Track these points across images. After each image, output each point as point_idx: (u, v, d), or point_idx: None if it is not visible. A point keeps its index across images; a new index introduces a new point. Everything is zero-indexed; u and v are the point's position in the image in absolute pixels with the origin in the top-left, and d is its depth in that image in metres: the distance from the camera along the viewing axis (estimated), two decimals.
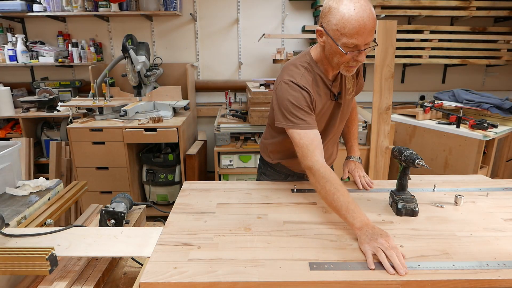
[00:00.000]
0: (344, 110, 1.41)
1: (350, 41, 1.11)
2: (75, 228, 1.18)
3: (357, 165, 1.52)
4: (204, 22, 3.44)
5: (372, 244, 0.98)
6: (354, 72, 1.24)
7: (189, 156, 2.82)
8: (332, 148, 1.57)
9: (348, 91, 1.39)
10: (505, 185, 1.49)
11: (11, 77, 3.52)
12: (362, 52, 1.14)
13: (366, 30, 1.09)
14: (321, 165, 1.17)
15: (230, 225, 1.17)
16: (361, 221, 1.06)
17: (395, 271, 0.91)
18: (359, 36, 1.10)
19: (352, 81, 1.41)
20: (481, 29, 3.26)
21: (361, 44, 1.12)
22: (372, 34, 1.12)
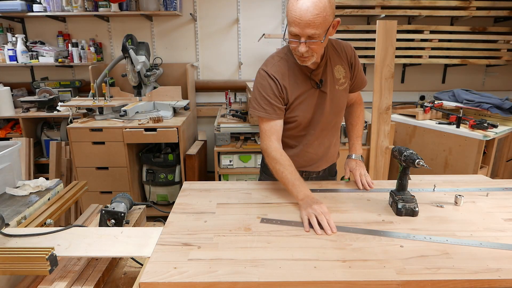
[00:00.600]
0: (334, 100, 1.40)
1: (290, 29, 1.17)
2: (75, 228, 1.18)
3: (358, 164, 1.50)
4: (204, 22, 3.44)
5: (307, 210, 1.15)
6: (307, 63, 1.26)
7: (189, 156, 2.82)
8: (330, 141, 1.51)
9: (338, 81, 1.39)
10: (505, 185, 1.49)
11: (11, 77, 3.52)
12: (302, 43, 1.16)
13: (302, 21, 1.11)
14: (273, 149, 1.32)
15: (230, 225, 1.17)
16: (303, 193, 1.23)
17: (324, 231, 1.10)
18: (296, 26, 1.14)
19: (344, 72, 1.40)
20: (481, 29, 3.27)
21: (301, 34, 1.15)
22: (313, 27, 1.12)
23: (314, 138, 1.45)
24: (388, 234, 1.10)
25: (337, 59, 1.39)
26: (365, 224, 1.16)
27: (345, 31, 3.23)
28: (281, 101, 1.34)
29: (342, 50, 1.40)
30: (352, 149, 1.55)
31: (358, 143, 1.55)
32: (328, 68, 1.37)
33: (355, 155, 1.53)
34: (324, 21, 1.13)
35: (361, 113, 1.58)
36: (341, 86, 1.41)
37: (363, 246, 1.04)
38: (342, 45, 1.42)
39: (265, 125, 1.35)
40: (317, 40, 1.16)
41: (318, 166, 1.56)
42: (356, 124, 1.57)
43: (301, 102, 1.36)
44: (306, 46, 1.17)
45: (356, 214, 1.24)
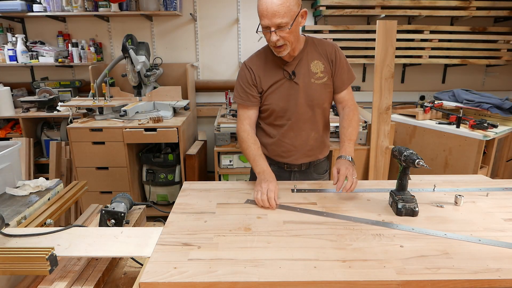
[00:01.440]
0: (309, 92, 1.48)
1: (261, 22, 1.32)
2: (75, 228, 1.18)
3: (345, 163, 1.38)
4: (204, 22, 3.44)
5: (256, 188, 1.35)
6: (283, 54, 1.39)
7: (189, 156, 2.82)
8: (307, 134, 1.55)
9: (315, 75, 1.48)
10: (505, 185, 1.49)
11: (11, 77, 3.52)
12: (272, 32, 1.30)
13: (269, 12, 1.27)
14: (243, 130, 1.52)
15: (230, 225, 1.17)
16: (260, 168, 1.42)
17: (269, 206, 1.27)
18: (264, 18, 1.29)
19: (323, 67, 1.48)
20: (481, 29, 3.27)
21: (270, 25, 1.30)
22: (280, 16, 1.27)
23: (289, 128, 1.54)
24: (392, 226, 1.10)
25: (315, 54, 1.49)
26: (365, 224, 1.17)
27: (345, 31, 3.23)
28: (255, 89, 1.51)
29: (322, 46, 1.50)
30: (342, 150, 1.47)
31: (348, 145, 1.47)
32: (304, 62, 1.48)
33: (343, 155, 1.43)
34: (288, 10, 1.27)
35: (353, 117, 1.52)
36: (318, 80, 1.49)
37: (363, 246, 1.04)
38: (323, 42, 1.52)
39: (240, 111, 1.55)
40: (285, 28, 1.30)
41: (296, 159, 1.60)
42: (347, 127, 1.50)
43: (274, 91, 1.49)
44: (276, 35, 1.31)
45: (356, 214, 1.24)
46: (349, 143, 1.47)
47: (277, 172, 1.59)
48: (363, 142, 2.72)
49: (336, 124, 2.62)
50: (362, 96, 3.56)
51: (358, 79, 3.60)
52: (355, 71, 3.82)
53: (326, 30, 3.19)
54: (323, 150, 1.65)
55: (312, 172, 1.67)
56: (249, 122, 1.53)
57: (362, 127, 2.69)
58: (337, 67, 1.49)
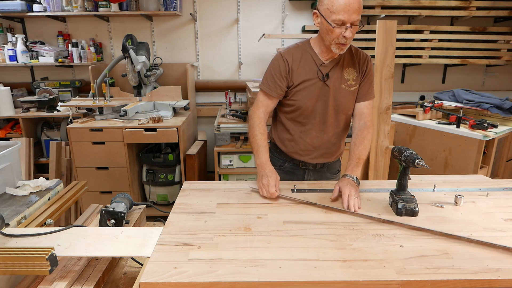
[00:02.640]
0: (338, 97, 1.49)
1: (337, 18, 1.28)
2: (75, 228, 1.18)
3: (349, 183, 1.35)
4: (204, 22, 3.44)
5: (258, 183, 1.42)
6: (343, 51, 1.38)
7: (189, 156, 2.82)
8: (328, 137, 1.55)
9: (346, 82, 1.48)
10: (505, 185, 1.49)
11: (11, 77, 3.52)
12: (348, 28, 1.30)
13: (351, 8, 1.26)
14: (256, 116, 1.52)
15: (230, 225, 1.17)
16: (260, 160, 1.46)
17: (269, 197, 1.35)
18: (345, 13, 1.27)
19: (355, 75, 1.48)
20: (481, 29, 3.27)
21: (347, 20, 1.28)
22: (357, 13, 1.28)
23: (312, 128, 1.54)
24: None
25: (351, 62, 1.49)
26: (365, 224, 1.17)
27: None
28: (285, 81, 1.49)
29: (358, 55, 1.51)
30: (348, 169, 1.42)
31: (356, 164, 1.43)
32: (339, 66, 1.47)
33: (349, 175, 1.39)
34: (361, 7, 1.30)
35: (367, 135, 1.48)
36: (348, 87, 1.49)
37: (363, 246, 1.04)
38: (359, 51, 1.53)
39: (261, 97, 1.54)
40: (357, 25, 1.31)
41: (313, 159, 1.60)
42: (359, 145, 1.46)
43: (304, 88, 1.48)
44: (350, 31, 1.31)
45: (356, 214, 1.24)
46: (358, 162, 1.43)
47: (292, 169, 1.66)
48: None
49: None
50: None
51: None
52: None
53: None
54: (337, 152, 1.65)
55: (326, 171, 1.67)
56: (264, 110, 1.53)
57: None
58: (365, 78, 1.50)
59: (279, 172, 1.50)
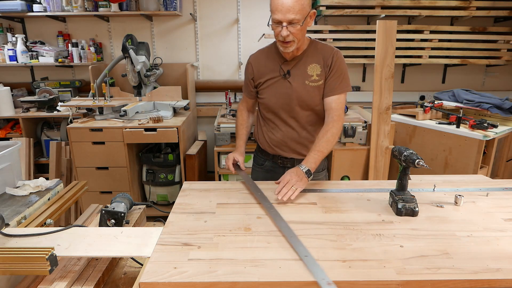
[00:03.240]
0: (302, 93, 1.52)
1: (274, 17, 1.36)
2: (75, 228, 1.18)
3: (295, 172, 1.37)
4: (204, 22, 3.44)
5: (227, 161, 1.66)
6: (289, 50, 1.43)
7: (189, 156, 2.82)
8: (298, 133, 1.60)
9: (310, 78, 1.51)
10: (505, 185, 1.49)
11: (11, 77, 3.52)
12: (284, 27, 1.35)
13: (284, 7, 1.32)
14: (240, 109, 1.78)
15: (230, 225, 1.17)
16: (237, 145, 1.72)
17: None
18: (278, 12, 1.34)
19: (320, 71, 1.50)
20: (481, 29, 3.27)
21: (283, 19, 1.34)
22: (293, 12, 1.32)
23: (280, 123, 1.62)
24: None
25: (315, 57, 1.52)
26: (365, 224, 1.17)
27: (345, 31, 3.23)
28: (252, 83, 1.65)
29: (323, 50, 1.52)
30: (304, 159, 1.43)
31: (313, 155, 1.42)
32: (302, 63, 1.52)
33: (301, 165, 1.40)
34: (302, 8, 1.33)
35: (330, 129, 1.46)
36: (312, 83, 1.52)
37: (363, 246, 1.04)
38: (325, 47, 1.54)
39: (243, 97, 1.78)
40: (296, 25, 1.35)
41: (286, 153, 1.66)
42: (321, 138, 1.46)
43: (268, 86, 1.58)
44: (287, 30, 1.35)
45: (356, 214, 1.24)
46: (315, 154, 1.42)
47: (271, 167, 1.74)
48: (363, 142, 2.72)
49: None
50: (362, 96, 3.56)
51: (358, 79, 3.61)
52: (355, 71, 3.85)
53: (326, 30, 3.19)
54: None
55: None
56: (246, 106, 1.77)
57: (362, 127, 2.69)
58: (331, 72, 1.50)
59: (260, 171, 1.76)
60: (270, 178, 1.68)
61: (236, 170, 1.65)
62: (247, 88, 1.69)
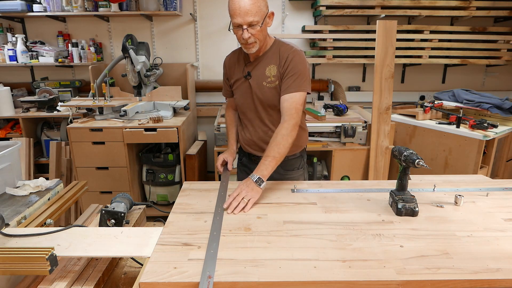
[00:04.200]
0: (260, 95, 1.54)
1: (234, 21, 1.39)
2: (75, 228, 1.18)
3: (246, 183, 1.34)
4: (204, 22, 3.44)
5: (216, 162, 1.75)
6: (252, 51, 1.46)
7: (189, 156, 2.82)
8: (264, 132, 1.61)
9: (267, 79, 1.52)
10: (505, 185, 1.49)
11: (11, 77, 3.52)
12: (245, 30, 1.38)
13: (241, 11, 1.34)
14: (226, 110, 1.83)
15: (230, 225, 1.17)
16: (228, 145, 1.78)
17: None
18: (237, 16, 1.36)
19: (276, 72, 1.50)
20: (481, 29, 3.27)
21: (242, 23, 1.37)
22: (251, 14, 1.35)
23: (249, 123, 1.67)
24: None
25: (273, 59, 1.52)
26: (365, 224, 1.17)
27: (345, 31, 3.23)
28: (228, 82, 1.70)
29: (283, 51, 1.51)
30: (255, 168, 1.38)
31: (263, 162, 1.37)
32: (261, 64, 1.53)
33: (253, 175, 1.34)
34: (259, 9, 1.36)
35: (280, 131, 1.41)
36: (269, 84, 1.52)
37: (363, 246, 1.04)
38: (285, 48, 1.52)
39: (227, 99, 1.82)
40: (256, 26, 1.38)
41: (256, 151, 1.69)
42: (271, 142, 1.41)
43: (237, 87, 1.64)
44: (248, 32, 1.39)
45: (356, 214, 1.24)
46: (265, 160, 1.37)
47: (247, 163, 1.79)
48: (363, 142, 2.72)
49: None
50: (362, 96, 3.56)
51: (358, 79, 3.60)
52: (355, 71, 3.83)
53: (326, 30, 3.19)
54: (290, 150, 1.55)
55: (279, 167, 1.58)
56: (230, 104, 1.80)
57: (362, 127, 2.69)
58: (285, 72, 1.48)
59: (239, 165, 1.83)
60: (245, 172, 1.78)
61: (223, 170, 1.70)
62: (225, 87, 1.75)
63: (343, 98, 3.38)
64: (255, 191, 1.32)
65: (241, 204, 1.27)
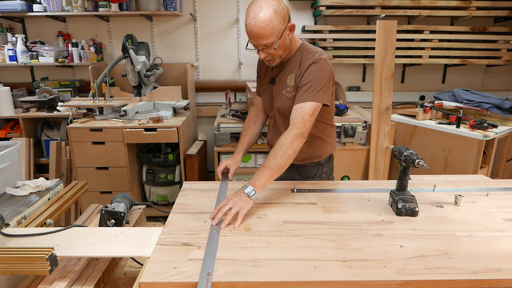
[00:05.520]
0: (279, 102, 1.52)
1: (250, 41, 1.37)
2: (75, 228, 1.18)
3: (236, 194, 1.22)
4: (204, 22, 3.44)
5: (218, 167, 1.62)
6: (273, 65, 1.46)
7: (189, 156, 2.82)
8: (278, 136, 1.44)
9: (287, 88, 1.48)
10: (505, 185, 1.49)
11: (11, 77, 3.52)
12: (260, 51, 1.37)
13: (253, 34, 1.30)
14: (249, 115, 1.76)
15: (230, 225, 1.17)
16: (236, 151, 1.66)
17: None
18: (251, 39, 1.34)
19: (294, 82, 1.45)
20: (481, 29, 3.27)
21: (257, 45, 1.35)
22: (264, 38, 1.30)
23: (271, 128, 1.69)
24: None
25: (294, 68, 1.46)
26: (365, 224, 1.17)
27: (345, 31, 3.23)
28: (259, 80, 1.68)
29: (302, 61, 1.43)
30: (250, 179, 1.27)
31: (258, 172, 1.26)
32: (284, 72, 1.50)
33: (245, 185, 1.23)
34: (272, 31, 1.29)
35: (280, 141, 1.30)
36: (287, 93, 1.49)
37: (363, 246, 1.04)
38: (306, 56, 1.43)
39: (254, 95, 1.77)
40: (271, 47, 1.34)
41: None
42: (270, 151, 1.32)
43: (264, 90, 1.63)
44: (264, 53, 1.37)
45: (356, 214, 1.24)
46: (260, 170, 1.27)
47: None
48: (363, 142, 2.72)
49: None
50: (362, 96, 3.56)
51: (358, 79, 3.61)
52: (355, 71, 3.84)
53: (326, 30, 3.19)
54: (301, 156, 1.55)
55: (295, 173, 1.63)
56: (255, 109, 1.74)
57: (362, 127, 2.69)
58: (301, 80, 1.40)
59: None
60: None
61: (222, 178, 1.56)
62: (258, 86, 1.72)
63: (343, 98, 3.38)
64: (244, 202, 1.19)
65: (228, 216, 1.16)
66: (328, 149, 1.64)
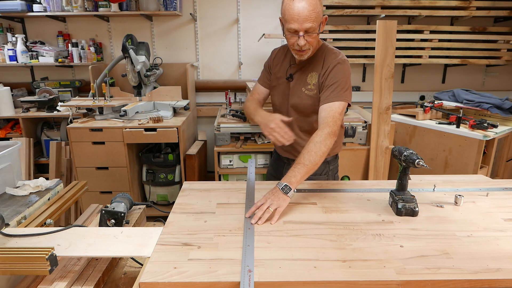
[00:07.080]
0: (297, 100, 1.53)
1: (290, 26, 1.32)
2: (75, 228, 1.18)
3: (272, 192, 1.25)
4: (204, 22, 3.44)
5: (265, 131, 1.40)
6: (304, 58, 1.44)
7: (189, 156, 2.82)
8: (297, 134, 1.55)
9: (307, 86, 1.50)
10: (505, 185, 1.49)
11: (11, 77, 3.52)
12: (301, 37, 1.33)
13: (301, 16, 1.28)
14: (248, 99, 1.70)
15: (230, 225, 1.17)
16: (260, 116, 1.49)
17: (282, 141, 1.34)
18: (295, 22, 1.30)
19: (316, 81, 1.47)
20: (481, 29, 3.27)
21: (299, 29, 1.31)
22: (310, 21, 1.29)
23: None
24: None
25: (316, 66, 1.48)
26: (365, 224, 1.17)
27: (345, 31, 3.23)
28: (269, 75, 1.65)
29: (327, 59, 1.46)
30: (284, 176, 1.28)
31: (292, 169, 1.28)
32: (305, 69, 1.50)
33: (280, 182, 1.25)
34: (317, 15, 1.31)
35: (313, 139, 1.33)
36: (308, 91, 1.50)
37: (363, 246, 1.04)
38: (330, 56, 1.46)
39: (255, 85, 1.73)
40: (313, 33, 1.33)
41: (283, 152, 1.70)
42: (303, 149, 1.33)
43: (277, 85, 1.61)
44: (304, 39, 1.34)
45: (356, 214, 1.24)
46: (295, 167, 1.28)
47: (276, 160, 1.79)
48: (363, 142, 2.72)
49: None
50: (362, 96, 3.56)
51: (358, 79, 3.61)
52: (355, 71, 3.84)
53: (326, 30, 3.19)
54: None
55: None
56: (256, 97, 1.69)
57: (362, 127, 2.69)
58: (325, 81, 1.44)
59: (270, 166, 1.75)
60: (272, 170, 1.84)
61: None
62: (263, 76, 1.68)
63: None
64: (281, 199, 1.21)
65: (265, 214, 1.17)
66: (335, 148, 1.67)
